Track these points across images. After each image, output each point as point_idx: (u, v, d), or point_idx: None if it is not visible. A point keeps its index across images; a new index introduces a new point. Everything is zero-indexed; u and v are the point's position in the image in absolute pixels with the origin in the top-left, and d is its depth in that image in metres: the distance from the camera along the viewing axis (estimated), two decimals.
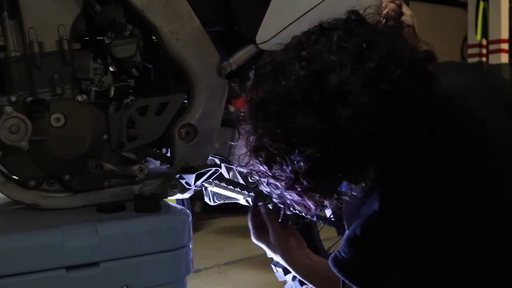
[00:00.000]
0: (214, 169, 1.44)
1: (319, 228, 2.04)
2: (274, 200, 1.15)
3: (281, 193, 1.10)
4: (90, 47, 1.49)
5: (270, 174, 1.07)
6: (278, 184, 1.07)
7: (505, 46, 6.82)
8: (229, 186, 1.63)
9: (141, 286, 1.28)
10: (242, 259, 3.33)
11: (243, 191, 1.67)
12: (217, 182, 1.62)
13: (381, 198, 1.04)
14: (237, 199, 1.75)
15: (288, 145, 1.01)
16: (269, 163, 1.05)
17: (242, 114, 1.11)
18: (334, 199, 1.07)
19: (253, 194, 1.60)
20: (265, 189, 1.13)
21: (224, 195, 1.75)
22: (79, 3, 1.39)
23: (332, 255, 1.13)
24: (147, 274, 1.29)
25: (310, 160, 1.00)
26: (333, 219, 1.88)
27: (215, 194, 1.78)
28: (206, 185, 1.66)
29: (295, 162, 1.01)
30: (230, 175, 1.75)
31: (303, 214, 1.15)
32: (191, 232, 1.38)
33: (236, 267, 3.28)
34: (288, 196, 1.09)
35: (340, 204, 1.10)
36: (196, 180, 1.44)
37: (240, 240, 3.50)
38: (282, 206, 1.16)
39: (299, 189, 1.05)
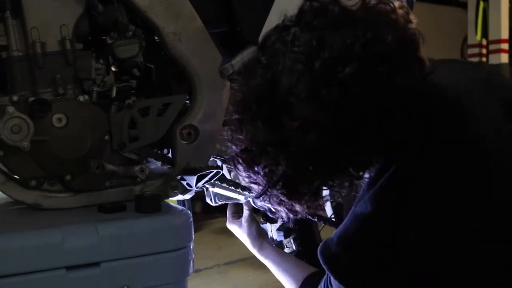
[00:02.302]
0: (215, 170, 1.44)
1: (319, 228, 2.04)
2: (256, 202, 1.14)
3: (256, 198, 1.09)
4: (92, 47, 1.49)
5: (248, 180, 1.06)
6: (256, 188, 1.06)
7: (505, 46, 6.83)
8: (230, 187, 1.63)
9: (141, 287, 1.28)
10: (242, 259, 3.34)
11: (244, 192, 1.67)
12: (218, 182, 1.63)
13: (372, 198, 1.01)
14: (239, 200, 1.75)
15: (250, 156, 1.00)
16: (244, 170, 1.05)
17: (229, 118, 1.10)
18: (312, 205, 1.05)
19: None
20: (251, 192, 1.12)
21: (225, 195, 1.75)
22: (81, 3, 1.39)
23: (320, 246, 1.10)
24: (147, 275, 1.29)
25: (270, 172, 0.99)
26: (333, 219, 1.88)
27: (216, 194, 1.78)
28: (207, 186, 1.66)
29: (260, 172, 1.00)
30: (232, 176, 1.75)
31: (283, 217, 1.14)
32: (192, 232, 1.38)
33: (236, 267, 3.28)
34: (260, 203, 1.09)
35: (319, 209, 1.08)
36: (197, 182, 1.44)
37: (240, 240, 3.49)
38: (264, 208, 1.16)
39: (274, 196, 1.04)
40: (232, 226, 1.69)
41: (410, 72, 0.96)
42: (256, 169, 1.00)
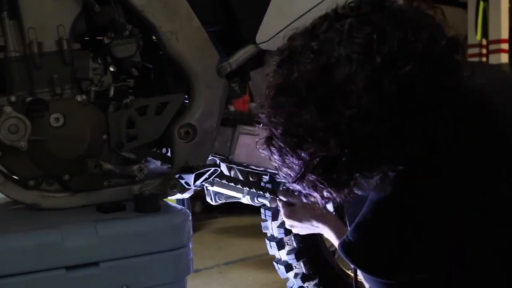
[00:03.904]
0: (213, 169, 1.44)
1: None
2: (289, 187, 1.11)
3: (293, 182, 1.07)
4: (89, 47, 1.49)
5: (282, 164, 1.05)
6: (291, 174, 1.05)
7: (505, 46, 6.82)
8: (230, 184, 1.63)
9: (141, 286, 1.28)
10: (242, 259, 3.33)
11: (244, 188, 1.67)
12: (218, 179, 1.63)
13: (392, 184, 1.02)
14: (239, 198, 1.75)
15: (294, 140, 0.99)
16: (280, 153, 1.03)
17: (260, 100, 1.09)
18: (344, 193, 1.04)
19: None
20: (281, 176, 1.10)
21: (225, 194, 1.75)
22: (78, 3, 1.39)
23: (340, 241, 1.11)
24: (147, 274, 1.29)
25: (313, 158, 0.98)
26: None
27: (216, 193, 1.78)
28: (206, 185, 1.66)
29: (302, 157, 0.99)
30: (232, 175, 1.75)
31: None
32: (191, 232, 1.38)
33: (236, 267, 3.27)
34: (297, 187, 1.07)
35: (350, 197, 1.06)
36: (195, 180, 1.44)
37: (240, 240, 3.49)
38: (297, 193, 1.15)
39: (308, 182, 1.03)
40: (288, 218, 1.59)
41: (456, 73, 0.98)
42: (298, 152, 0.99)
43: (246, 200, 1.74)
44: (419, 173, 1.01)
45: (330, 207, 2.12)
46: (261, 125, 1.06)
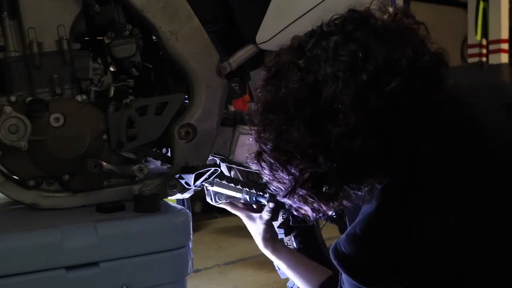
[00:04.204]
0: (213, 169, 1.44)
1: (321, 226, 2.04)
2: (280, 200, 1.13)
3: (283, 197, 1.09)
4: (89, 47, 1.49)
5: (272, 178, 1.07)
6: (281, 188, 1.07)
7: (505, 46, 6.83)
8: (230, 184, 1.63)
9: (141, 286, 1.28)
10: (242, 259, 3.34)
11: (244, 189, 1.67)
12: (218, 180, 1.63)
13: (379, 197, 1.04)
14: (239, 199, 1.75)
15: (283, 156, 1.00)
16: (270, 168, 1.05)
17: (249, 116, 1.10)
18: (333, 206, 1.06)
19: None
20: (272, 189, 1.12)
21: (225, 194, 1.75)
22: (78, 3, 1.39)
23: (332, 246, 1.12)
24: (147, 274, 1.29)
25: (305, 172, 1.00)
26: (334, 216, 1.88)
27: (216, 193, 1.78)
28: (206, 185, 1.66)
29: (292, 172, 1.01)
30: (232, 175, 1.75)
31: (305, 218, 1.15)
32: (191, 232, 1.38)
33: (236, 267, 3.28)
34: (288, 201, 1.08)
35: (340, 209, 1.09)
36: (195, 180, 1.44)
37: (240, 240, 3.50)
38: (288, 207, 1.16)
39: (298, 196, 1.05)
40: (247, 221, 1.70)
41: (440, 86, 1.00)
42: (288, 168, 1.01)
43: (245, 200, 1.74)
44: (405, 186, 1.03)
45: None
46: (252, 139, 1.07)
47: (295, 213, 1.13)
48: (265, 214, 1.64)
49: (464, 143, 1.04)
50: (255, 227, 1.67)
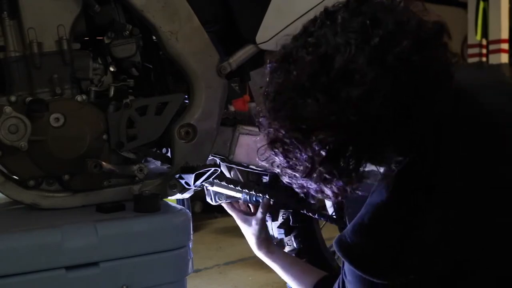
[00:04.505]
0: (213, 169, 1.44)
1: (321, 226, 2.04)
2: (296, 190, 1.12)
3: (300, 183, 1.08)
4: (89, 47, 1.49)
5: (287, 165, 1.06)
6: (297, 174, 1.05)
7: (505, 46, 6.83)
8: (229, 185, 1.63)
9: (140, 286, 1.28)
10: (242, 259, 3.34)
11: (243, 190, 1.67)
12: (217, 181, 1.63)
13: (390, 188, 1.03)
14: (239, 198, 1.75)
15: (301, 133, 0.99)
16: (285, 154, 1.04)
17: (258, 109, 1.09)
18: (353, 184, 1.04)
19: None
20: (285, 180, 1.11)
21: (225, 194, 1.75)
22: (78, 3, 1.39)
23: (337, 237, 1.11)
24: (147, 274, 1.29)
25: (324, 145, 0.98)
26: (334, 216, 1.88)
27: (216, 193, 1.78)
28: (206, 185, 1.66)
29: (310, 150, 0.99)
30: (232, 175, 1.75)
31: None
32: (191, 232, 1.38)
33: (236, 267, 3.28)
34: (307, 185, 1.07)
35: (358, 190, 1.07)
36: (195, 180, 1.44)
37: (240, 240, 3.48)
38: (304, 195, 1.14)
39: (317, 177, 1.03)
40: (241, 223, 1.71)
41: (446, 54, 1.01)
42: (306, 144, 0.99)
43: (245, 200, 1.74)
44: (412, 177, 1.03)
45: (330, 207, 2.12)
46: (263, 131, 1.07)
47: (314, 194, 1.11)
48: (259, 213, 1.65)
49: (464, 136, 1.04)
50: (249, 229, 1.67)
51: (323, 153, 0.99)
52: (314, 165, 1.01)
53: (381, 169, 1.03)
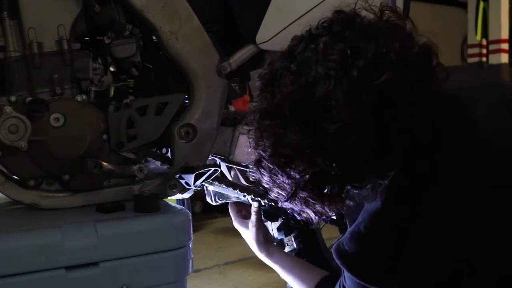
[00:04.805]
0: (213, 169, 1.44)
1: (321, 227, 2.04)
2: (281, 205, 1.13)
3: (285, 201, 1.09)
4: (89, 47, 1.49)
5: (272, 184, 1.07)
6: (282, 193, 1.07)
7: (505, 46, 6.83)
8: (229, 188, 1.63)
9: (140, 286, 1.28)
10: (242, 259, 3.34)
11: (243, 193, 1.67)
12: (217, 183, 1.63)
13: (383, 194, 1.04)
14: (239, 199, 1.75)
15: (282, 160, 1.01)
16: (270, 175, 1.06)
17: (246, 124, 1.12)
18: (336, 207, 1.06)
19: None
20: (273, 196, 1.12)
21: (226, 194, 1.75)
22: (78, 3, 1.39)
23: (335, 245, 1.13)
24: (147, 274, 1.29)
25: (302, 175, 1.00)
26: (334, 217, 1.88)
27: (216, 193, 1.78)
28: (206, 185, 1.66)
29: (292, 176, 1.01)
30: (232, 175, 1.75)
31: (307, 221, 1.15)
32: (191, 232, 1.38)
33: (236, 267, 3.28)
34: (289, 205, 1.09)
35: (342, 209, 1.09)
36: (195, 180, 1.44)
37: (240, 240, 3.47)
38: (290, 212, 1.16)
39: (300, 199, 1.05)
40: (239, 227, 1.71)
41: (432, 79, 1.01)
42: (287, 171, 1.01)
43: (245, 200, 1.74)
44: (406, 184, 1.04)
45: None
46: (251, 147, 1.08)
47: (297, 217, 1.13)
48: (253, 216, 1.64)
49: (460, 139, 1.05)
50: (248, 232, 1.67)
51: (304, 180, 1.01)
52: (296, 190, 1.03)
53: (368, 187, 1.04)
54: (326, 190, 1.02)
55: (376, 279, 1.07)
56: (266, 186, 1.10)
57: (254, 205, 1.62)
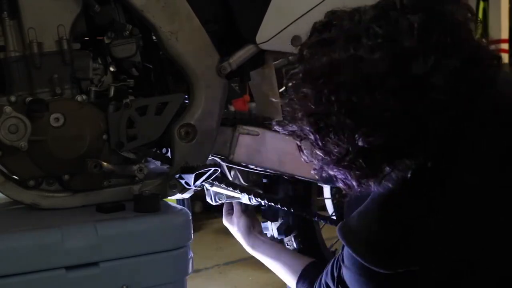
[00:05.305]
0: (213, 169, 1.44)
1: (321, 226, 2.04)
2: (313, 170, 1.09)
3: (323, 166, 1.05)
4: (89, 47, 1.49)
5: (319, 144, 1.01)
6: (325, 157, 1.02)
7: (505, 46, 6.81)
8: (228, 188, 1.63)
9: (140, 286, 1.28)
10: (242, 259, 3.33)
11: (243, 193, 1.67)
12: (217, 183, 1.63)
13: (393, 178, 1.01)
14: (239, 199, 1.75)
15: (354, 123, 0.96)
16: (323, 134, 1.00)
17: (292, 71, 1.04)
18: (378, 181, 1.02)
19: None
20: (304, 157, 1.08)
21: (226, 194, 1.75)
22: (78, 3, 1.39)
23: (340, 224, 1.10)
24: (146, 274, 1.29)
25: (370, 144, 0.96)
26: (334, 217, 1.88)
27: (216, 193, 1.78)
28: (206, 185, 1.66)
29: (354, 142, 0.97)
30: (232, 175, 1.75)
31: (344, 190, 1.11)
32: (191, 232, 1.38)
33: (236, 267, 3.28)
34: (330, 171, 1.05)
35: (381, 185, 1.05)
36: (195, 180, 1.44)
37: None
38: (320, 178, 1.12)
39: (345, 166, 1.01)
40: (227, 224, 1.74)
41: (482, 66, 1.00)
42: (351, 133, 0.96)
43: (245, 200, 1.74)
44: (425, 175, 1.01)
45: (329, 207, 2.12)
46: (299, 96, 1.02)
47: (340, 184, 1.08)
48: (235, 211, 1.68)
49: (489, 136, 1.03)
50: (233, 227, 1.70)
51: (365, 150, 0.97)
52: (348, 156, 0.99)
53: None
54: (375, 165, 0.99)
55: (380, 260, 1.03)
56: (311, 144, 1.03)
57: (235, 203, 1.67)
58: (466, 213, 1.01)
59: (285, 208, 1.74)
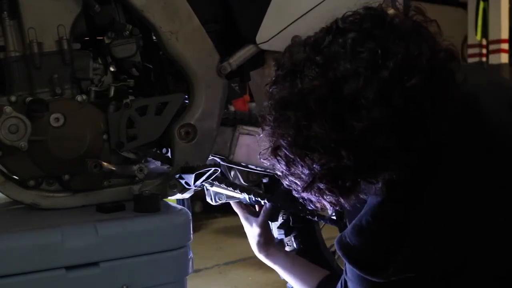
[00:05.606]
0: (213, 169, 1.44)
1: (321, 227, 2.04)
2: (295, 195, 1.13)
3: (299, 191, 1.09)
4: (89, 47, 1.49)
5: (289, 173, 1.07)
6: (298, 182, 1.07)
7: (505, 46, 6.82)
8: (229, 188, 1.63)
9: (140, 286, 1.28)
10: (242, 259, 3.34)
11: (243, 193, 1.67)
12: (217, 183, 1.63)
13: (384, 188, 1.04)
14: (239, 199, 1.75)
15: (304, 151, 1.00)
16: (287, 163, 1.05)
17: (262, 112, 1.10)
18: (351, 198, 1.06)
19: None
20: (285, 183, 1.12)
21: (226, 194, 1.75)
22: (78, 3, 1.39)
23: (337, 237, 1.13)
24: (147, 274, 1.29)
25: (324, 168, 1.00)
26: (334, 218, 1.88)
27: (216, 193, 1.78)
28: (206, 185, 1.66)
29: (312, 167, 1.01)
30: (232, 175, 1.75)
31: (313, 212, 1.15)
32: (191, 232, 1.38)
33: (236, 267, 3.28)
34: (305, 195, 1.09)
35: (356, 202, 1.09)
36: (195, 180, 1.44)
37: (240, 240, 3.49)
38: (302, 201, 1.15)
39: (316, 190, 1.05)
40: (244, 222, 1.73)
41: (455, 83, 1.01)
42: (308, 162, 1.01)
43: (247, 201, 1.75)
44: (414, 180, 1.04)
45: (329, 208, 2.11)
46: (266, 134, 1.07)
47: (311, 207, 1.13)
48: (261, 216, 1.65)
49: (471, 137, 1.05)
50: (251, 230, 1.68)
51: (323, 172, 1.00)
52: (314, 181, 1.03)
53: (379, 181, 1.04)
54: (340, 183, 1.02)
55: (376, 270, 1.06)
56: (280, 174, 1.09)
57: (267, 206, 1.64)
58: (454, 217, 1.02)
59: (285, 208, 1.74)
